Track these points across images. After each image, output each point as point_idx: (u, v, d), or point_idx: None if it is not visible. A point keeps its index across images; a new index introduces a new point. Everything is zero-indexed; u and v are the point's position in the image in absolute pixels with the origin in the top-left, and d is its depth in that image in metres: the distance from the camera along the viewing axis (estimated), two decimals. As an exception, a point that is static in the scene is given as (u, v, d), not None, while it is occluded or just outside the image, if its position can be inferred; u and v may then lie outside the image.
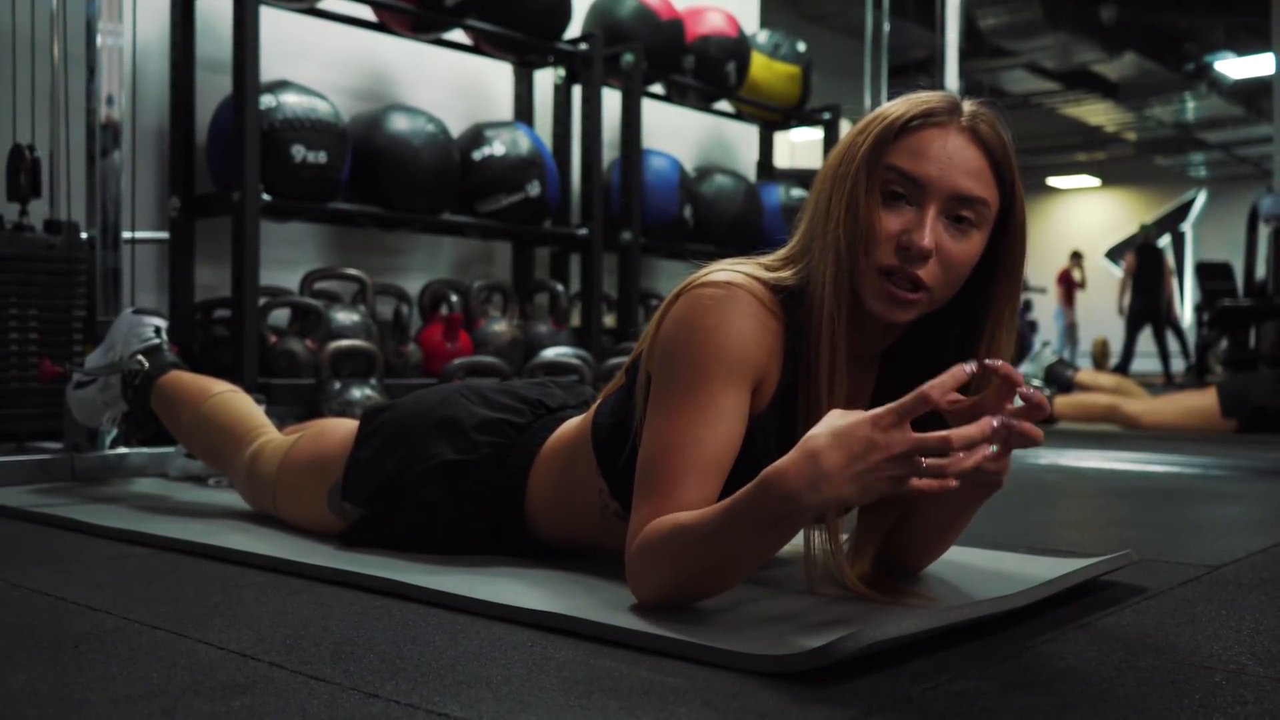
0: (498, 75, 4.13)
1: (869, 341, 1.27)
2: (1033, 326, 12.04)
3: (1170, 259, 12.36)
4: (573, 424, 1.45)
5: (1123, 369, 10.64)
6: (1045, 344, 4.85)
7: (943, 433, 0.98)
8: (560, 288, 3.88)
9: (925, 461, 0.98)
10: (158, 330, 2.15)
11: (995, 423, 1.01)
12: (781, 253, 1.29)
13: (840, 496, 1.01)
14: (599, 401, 1.40)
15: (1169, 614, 1.26)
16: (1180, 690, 0.96)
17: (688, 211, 4.24)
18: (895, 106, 1.22)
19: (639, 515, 1.17)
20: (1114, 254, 17.66)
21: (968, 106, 1.22)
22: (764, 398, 1.22)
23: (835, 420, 1.03)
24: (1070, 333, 13.13)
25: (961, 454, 0.98)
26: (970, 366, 1.02)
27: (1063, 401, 4.35)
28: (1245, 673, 1.01)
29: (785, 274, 1.25)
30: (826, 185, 1.23)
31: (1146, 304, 10.86)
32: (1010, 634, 1.14)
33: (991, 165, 1.21)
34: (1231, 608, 1.29)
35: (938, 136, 1.19)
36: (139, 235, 2.92)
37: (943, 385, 1.00)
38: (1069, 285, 13.35)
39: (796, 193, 4.58)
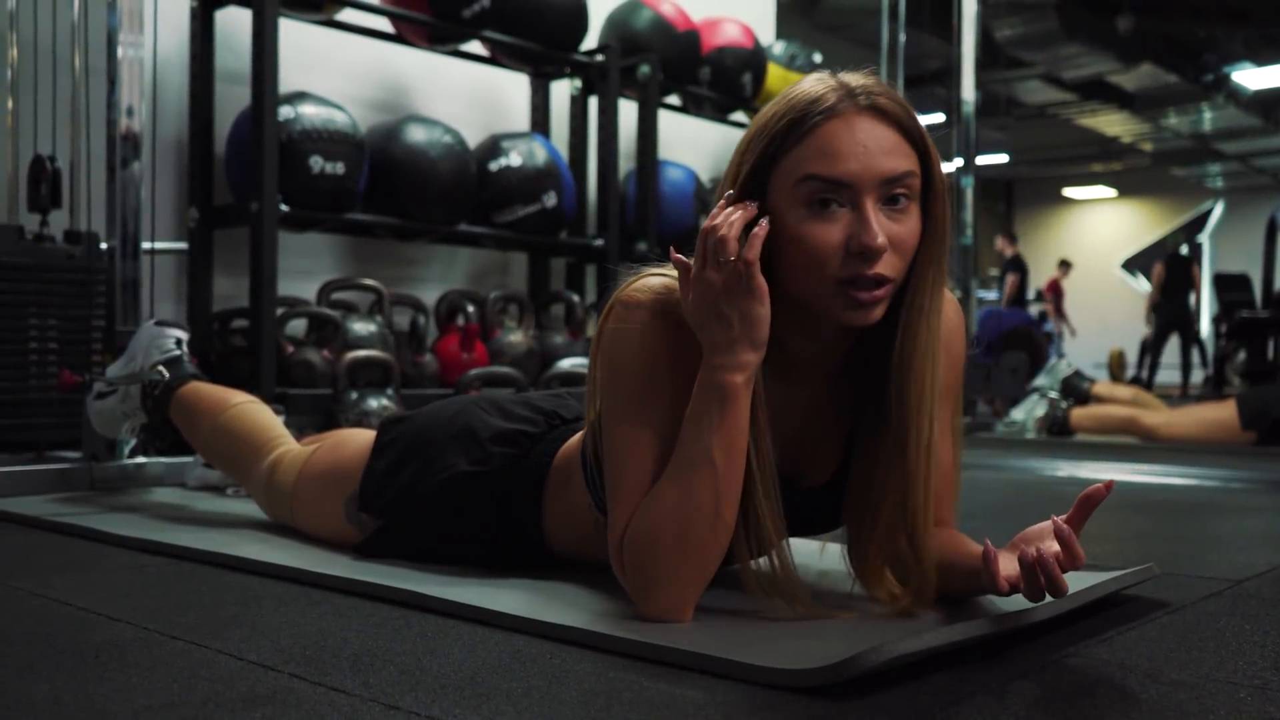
0: (514, 86, 4.14)
1: (815, 342, 1.23)
2: (1049, 338, 11.95)
3: (1199, 269, 12.25)
4: (577, 437, 1.45)
5: (1149, 381, 10.56)
6: (1061, 356, 4.84)
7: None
8: (576, 298, 3.88)
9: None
10: (179, 342, 2.16)
11: None
12: None
13: (719, 322, 1.14)
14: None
15: (1192, 628, 1.25)
16: (1205, 706, 0.95)
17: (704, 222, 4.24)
18: (776, 109, 1.15)
19: (616, 528, 1.19)
20: (1130, 265, 17.59)
21: (854, 82, 1.14)
22: None
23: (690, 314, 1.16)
24: (1057, 344, 12.93)
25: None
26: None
27: (1080, 413, 4.33)
28: (1270, 688, 1.00)
29: None
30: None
31: (1174, 314, 10.80)
32: (1033, 648, 1.13)
33: (904, 136, 1.14)
34: (1255, 622, 1.28)
35: (841, 128, 1.12)
36: (158, 245, 2.93)
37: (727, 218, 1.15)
38: (1057, 295, 13.20)
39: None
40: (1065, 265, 13.60)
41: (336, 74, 3.60)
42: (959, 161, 5.00)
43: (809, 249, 1.13)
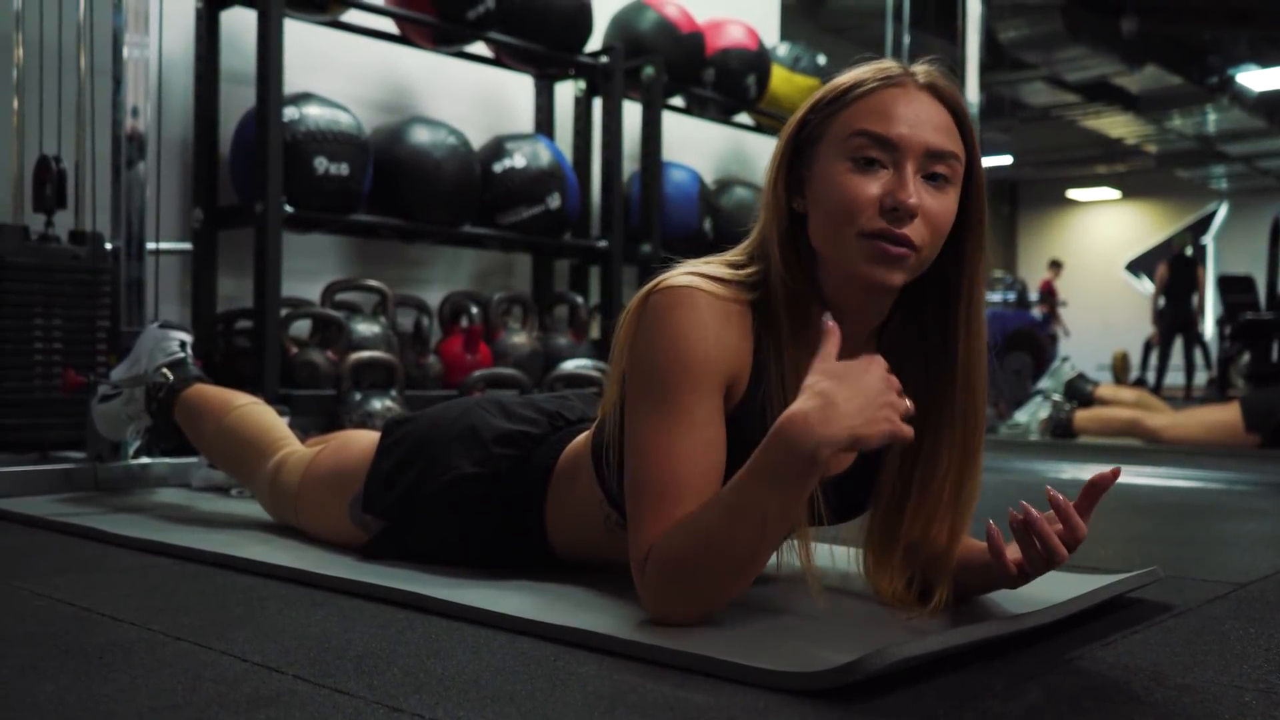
0: (519, 88, 4.14)
1: (855, 321, 1.25)
2: (1053, 339, 11.93)
3: (1204, 271, 12.18)
4: (583, 437, 1.45)
5: (1156, 383, 10.52)
6: (1065, 359, 4.82)
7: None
8: (580, 300, 3.88)
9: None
10: (183, 344, 2.16)
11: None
12: (744, 245, 1.28)
13: (850, 429, 1.05)
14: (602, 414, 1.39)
15: (1196, 632, 1.24)
16: (1210, 710, 0.95)
17: (707, 224, 4.24)
18: (843, 77, 1.22)
19: (642, 534, 1.17)
20: (1135, 266, 17.56)
21: (919, 67, 1.22)
22: (739, 390, 1.21)
23: (833, 365, 1.08)
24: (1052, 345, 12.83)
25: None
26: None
27: (1084, 415, 4.32)
28: (1276, 692, 1.00)
29: (750, 269, 1.23)
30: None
31: (1178, 315, 10.77)
32: (1036, 651, 1.13)
33: (955, 121, 1.20)
34: (1260, 626, 1.28)
35: (899, 96, 1.18)
36: (163, 246, 2.94)
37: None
38: (1052, 296, 13.11)
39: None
40: (1056, 265, 13.54)
41: (341, 75, 3.60)
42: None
43: (845, 198, 1.16)
